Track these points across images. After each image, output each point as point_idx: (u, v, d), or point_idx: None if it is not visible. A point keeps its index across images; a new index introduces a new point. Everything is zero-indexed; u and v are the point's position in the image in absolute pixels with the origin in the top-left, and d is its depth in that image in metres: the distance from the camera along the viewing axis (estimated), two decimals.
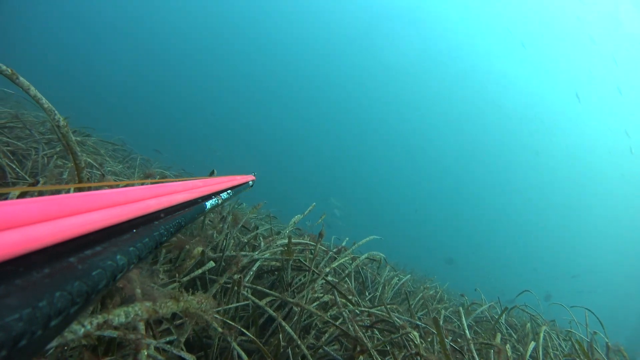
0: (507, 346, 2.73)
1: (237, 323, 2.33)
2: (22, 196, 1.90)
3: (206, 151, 39.80)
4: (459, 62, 48.64)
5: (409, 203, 51.12)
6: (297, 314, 2.32)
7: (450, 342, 2.39)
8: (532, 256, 48.38)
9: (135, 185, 0.62)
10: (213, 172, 2.87)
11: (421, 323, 2.71)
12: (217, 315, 1.86)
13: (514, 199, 53.88)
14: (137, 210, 0.53)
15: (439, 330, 2.16)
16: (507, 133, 51.27)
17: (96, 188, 0.54)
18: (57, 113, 1.77)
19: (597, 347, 3.66)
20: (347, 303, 2.69)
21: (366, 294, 3.96)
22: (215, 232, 3.07)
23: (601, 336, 3.95)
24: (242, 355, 1.81)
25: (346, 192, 46.41)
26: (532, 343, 3.01)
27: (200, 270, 2.28)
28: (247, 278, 2.53)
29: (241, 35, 46.50)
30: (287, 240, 2.88)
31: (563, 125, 50.63)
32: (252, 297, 2.29)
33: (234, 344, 1.80)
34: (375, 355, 2.06)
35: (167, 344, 1.69)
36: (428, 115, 52.34)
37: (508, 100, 49.61)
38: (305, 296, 2.50)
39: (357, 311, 2.63)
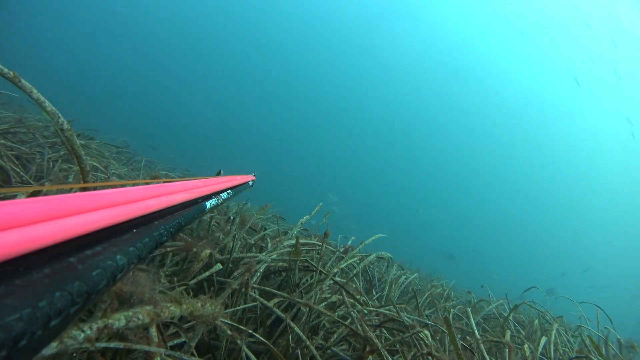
0: (526, 346, 2.70)
1: (244, 324, 2.33)
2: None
3: (206, 151, 39.92)
4: (456, 55, 48.22)
5: (409, 199, 50.78)
6: (306, 314, 2.31)
7: (460, 341, 2.37)
8: (534, 254, 47.93)
9: (140, 187, 0.62)
10: (220, 172, 2.88)
11: (431, 322, 2.69)
12: (224, 318, 1.85)
13: (518, 193, 53.25)
14: (137, 210, 0.53)
15: (450, 330, 2.14)
16: (508, 126, 50.74)
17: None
18: (60, 116, 1.75)
19: (610, 344, 3.61)
20: (355, 303, 2.68)
21: (373, 292, 3.94)
22: (222, 234, 3.08)
23: (612, 332, 3.90)
24: (251, 357, 1.80)
25: (345, 189, 46.20)
26: (544, 338, 2.98)
27: (207, 273, 2.28)
28: (254, 279, 2.53)
29: (241, 35, 46.47)
30: (295, 240, 2.88)
31: (564, 116, 50.04)
32: (260, 298, 2.28)
33: (243, 346, 1.79)
34: (385, 354, 2.04)
35: (176, 347, 1.69)
36: (425, 109, 51.94)
37: (507, 94, 49.11)
38: (313, 297, 2.49)
39: (365, 311, 2.62)
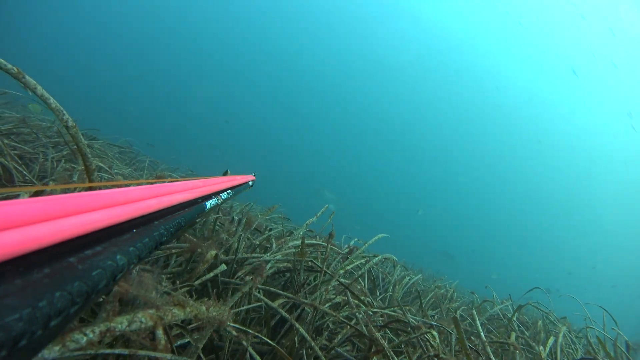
0: (541, 347, 2.68)
1: (248, 325, 2.33)
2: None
3: (207, 150, 40.04)
4: (454, 52, 47.84)
5: (408, 198, 50.64)
6: (310, 315, 2.31)
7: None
8: (533, 254, 47.67)
9: (140, 187, 0.62)
10: (227, 172, 2.88)
11: (436, 323, 2.68)
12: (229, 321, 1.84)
13: (518, 192, 52.83)
14: (137, 210, 0.53)
15: (459, 330, 2.13)
16: (508, 123, 50.40)
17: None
18: (65, 113, 1.74)
19: (618, 345, 3.58)
20: (360, 304, 2.67)
21: (377, 293, 3.93)
22: (226, 235, 3.08)
23: (619, 334, 3.86)
24: (256, 358, 1.79)
25: (344, 189, 46.14)
26: (551, 339, 2.96)
27: (212, 274, 2.28)
28: (258, 279, 2.52)
29: (241, 35, 46.56)
30: (301, 241, 2.88)
31: (564, 112, 49.65)
32: (265, 299, 2.28)
33: (249, 348, 1.79)
34: (392, 355, 2.03)
35: (180, 347, 1.69)
36: (423, 108, 51.82)
37: (506, 91, 48.95)
38: (318, 297, 2.48)
39: (370, 312, 2.61)
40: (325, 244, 3.02)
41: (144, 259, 0.50)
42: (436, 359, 2.10)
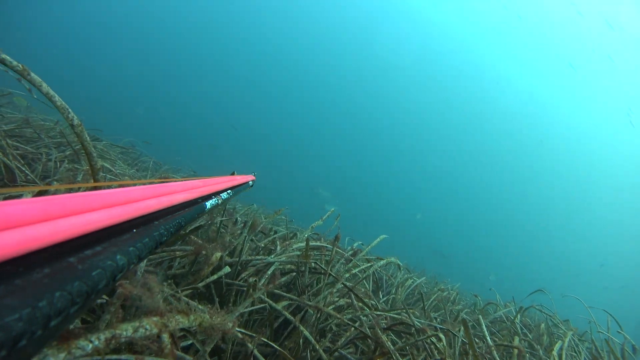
0: (555, 352, 2.66)
1: (251, 326, 2.32)
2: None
3: (207, 150, 40.07)
4: (453, 54, 48.02)
5: (407, 198, 50.45)
6: (314, 317, 2.30)
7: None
8: (533, 253, 47.37)
9: (140, 187, 0.62)
10: (234, 173, 2.88)
11: (441, 326, 2.66)
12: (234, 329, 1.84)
13: (516, 193, 52.63)
14: (137, 210, 0.53)
15: (468, 334, 2.12)
16: (508, 123, 50.22)
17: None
18: (70, 111, 1.73)
19: (627, 349, 3.55)
20: (364, 307, 2.66)
21: (380, 295, 3.92)
22: (230, 237, 3.07)
23: (623, 337, 3.83)
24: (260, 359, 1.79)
25: (344, 189, 46.02)
26: (558, 343, 2.93)
27: (215, 276, 2.28)
28: (262, 281, 2.52)
29: (241, 35, 46.70)
30: (305, 243, 2.87)
31: (564, 111, 49.58)
32: (269, 300, 2.27)
33: (255, 351, 1.78)
34: (397, 357, 2.02)
35: (184, 349, 1.68)
36: (423, 110, 51.74)
37: (505, 91, 48.89)
38: (322, 299, 2.47)
39: (374, 314, 2.60)
40: (330, 246, 3.02)
41: (144, 258, 0.50)
42: None
